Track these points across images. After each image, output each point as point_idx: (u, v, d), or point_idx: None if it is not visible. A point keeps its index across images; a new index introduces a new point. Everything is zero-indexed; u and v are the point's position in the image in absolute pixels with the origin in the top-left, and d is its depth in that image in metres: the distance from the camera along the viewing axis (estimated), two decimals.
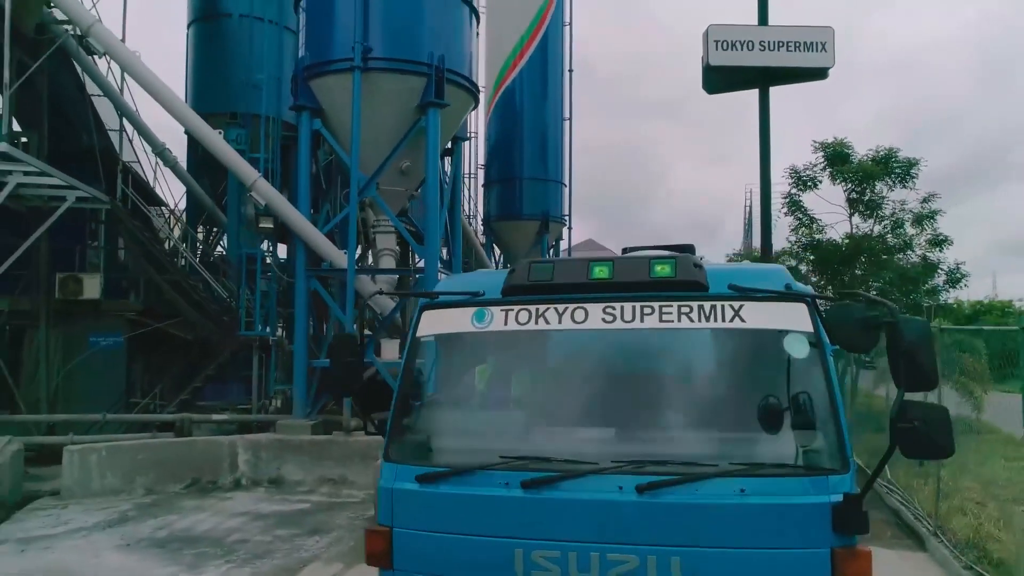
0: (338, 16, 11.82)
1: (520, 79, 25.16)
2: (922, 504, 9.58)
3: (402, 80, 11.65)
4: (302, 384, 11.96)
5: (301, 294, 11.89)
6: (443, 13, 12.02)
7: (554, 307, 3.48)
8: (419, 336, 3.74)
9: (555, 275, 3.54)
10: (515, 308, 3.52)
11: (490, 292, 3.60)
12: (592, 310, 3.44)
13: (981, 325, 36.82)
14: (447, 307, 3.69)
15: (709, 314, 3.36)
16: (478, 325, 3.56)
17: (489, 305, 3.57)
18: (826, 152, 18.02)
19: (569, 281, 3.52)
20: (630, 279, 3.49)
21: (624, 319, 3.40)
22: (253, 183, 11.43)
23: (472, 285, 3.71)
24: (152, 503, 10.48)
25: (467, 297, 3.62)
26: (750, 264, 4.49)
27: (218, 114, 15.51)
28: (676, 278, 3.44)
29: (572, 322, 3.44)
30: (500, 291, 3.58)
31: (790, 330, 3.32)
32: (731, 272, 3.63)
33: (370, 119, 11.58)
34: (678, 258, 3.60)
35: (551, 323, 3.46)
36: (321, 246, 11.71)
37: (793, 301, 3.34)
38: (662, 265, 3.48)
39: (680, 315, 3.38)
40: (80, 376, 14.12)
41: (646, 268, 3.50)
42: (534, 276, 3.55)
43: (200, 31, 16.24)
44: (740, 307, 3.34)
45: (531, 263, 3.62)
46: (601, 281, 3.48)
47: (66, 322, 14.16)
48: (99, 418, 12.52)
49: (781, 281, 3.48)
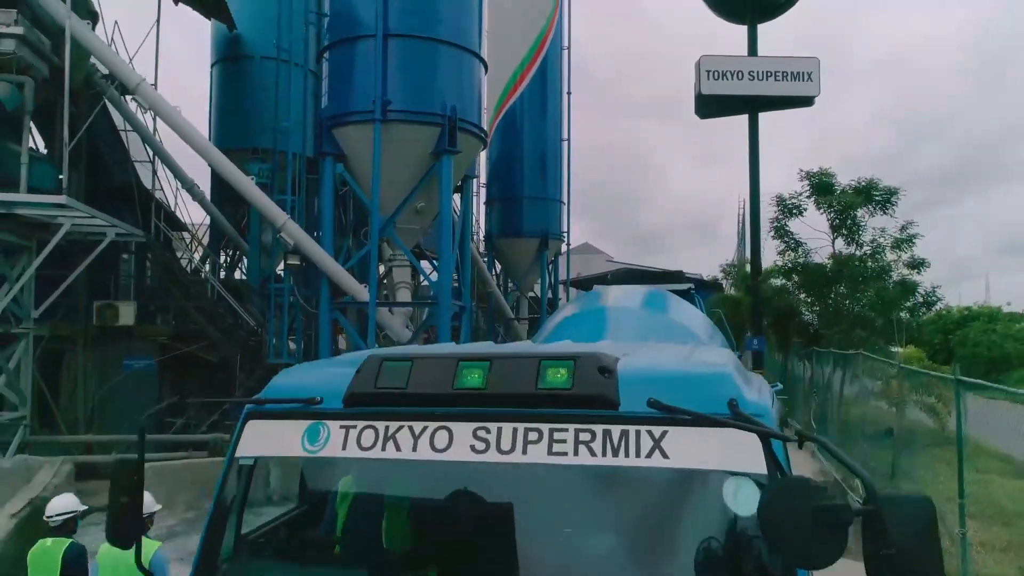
0: (359, 69, 12.89)
1: (521, 101, 26.32)
2: None
3: (418, 129, 12.73)
4: None
5: (325, 324, 12.98)
6: (456, 66, 13.09)
7: (409, 426, 2.59)
8: (238, 456, 2.83)
9: (412, 380, 2.62)
10: (358, 424, 2.64)
11: (329, 399, 2.71)
12: (459, 432, 2.54)
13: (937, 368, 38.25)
14: (277, 417, 2.78)
15: (619, 445, 2.41)
16: (310, 448, 2.68)
17: (326, 418, 2.69)
18: (811, 181, 19.20)
19: (428, 391, 2.59)
20: (511, 390, 2.54)
21: (500, 448, 2.49)
22: (283, 224, 12.51)
23: (309, 386, 2.79)
24: (195, 518, 11.51)
25: (300, 405, 2.73)
26: (689, 359, 3.04)
27: (241, 149, 16.63)
28: (573, 391, 2.49)
29: (431, 450, 2.55)
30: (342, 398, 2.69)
31: (733, 472, 2.38)
32: (657, 376, 2.62)
33: (389, 164, 12.66)
34: (580, 358, 2.58)
35: (402, 450, 2.57)
36: (344, 282, 12.79)
37: (740, 428, 2.34)
38: (556, 369, 2.55)
39: (577, 445, 2.44)
40: (115, 397, 15.15)
41: (534, 373, 2.54)
42: (384, 381, 2.65)
43: (223, 71, 17.30)
44: (663, 435, 2.40)
45: (383, 360, 2.72)
46: (472, 392, 2.55)
47: (102, 346, 15.19)
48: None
49: (725, 393, 2.45)
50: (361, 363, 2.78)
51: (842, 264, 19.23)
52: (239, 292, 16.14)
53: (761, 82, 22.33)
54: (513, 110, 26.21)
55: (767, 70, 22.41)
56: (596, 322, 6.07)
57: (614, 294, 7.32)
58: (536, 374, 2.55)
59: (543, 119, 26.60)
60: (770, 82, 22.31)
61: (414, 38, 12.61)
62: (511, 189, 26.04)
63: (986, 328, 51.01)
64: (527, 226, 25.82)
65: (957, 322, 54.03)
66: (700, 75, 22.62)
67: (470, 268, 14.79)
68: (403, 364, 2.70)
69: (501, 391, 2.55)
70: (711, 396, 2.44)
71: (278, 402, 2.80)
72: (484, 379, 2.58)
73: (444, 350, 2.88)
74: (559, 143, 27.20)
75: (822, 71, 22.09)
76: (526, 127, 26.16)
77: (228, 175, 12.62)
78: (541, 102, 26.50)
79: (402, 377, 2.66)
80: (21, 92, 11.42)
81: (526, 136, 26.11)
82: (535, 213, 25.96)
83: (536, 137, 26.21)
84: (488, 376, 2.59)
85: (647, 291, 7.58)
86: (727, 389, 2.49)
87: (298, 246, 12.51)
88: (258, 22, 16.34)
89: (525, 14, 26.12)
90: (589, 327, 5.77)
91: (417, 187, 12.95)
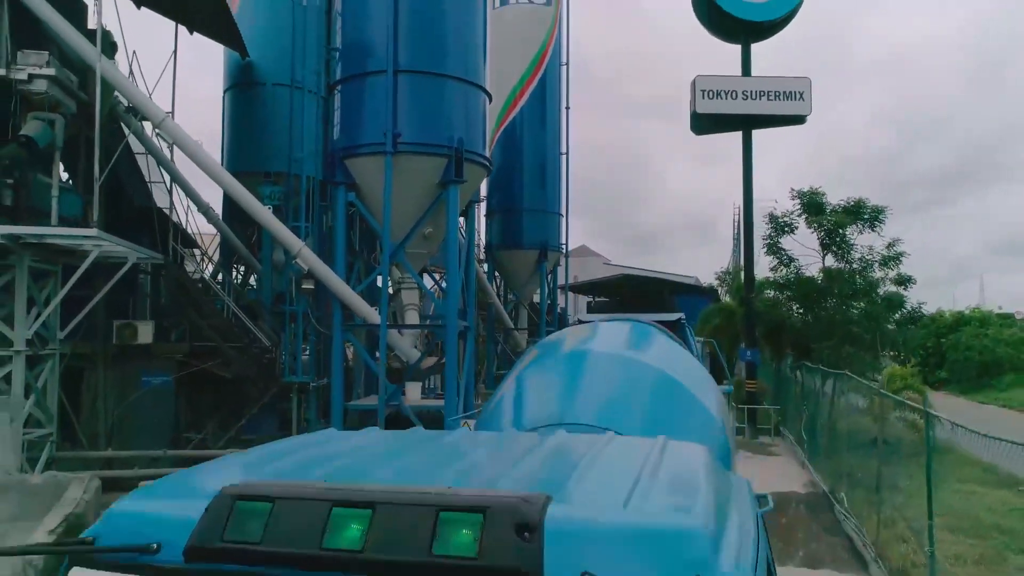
0: (369, 103, 13.53)
1: (521, 116, 27.06)
2: (869, 532, 11.41)
3: (427, 160, 13.38)
4: (339, 424, 13.68)
5: (338, 346, 13.64)
6: (462, 100, 13.75)
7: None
8: None
9: (269, 531, 2.00)
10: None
11: (170, 547, 2.03)
12: None
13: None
14: (105, 567, 2.11)
15: None
16: None
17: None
18: (803, 199, 19.92)
19: (288, 550, 1.97)
20: (396, 555, 1.90)
21: None
22: (298, 251, 13.16)
23: (153, 521, 2.14)
24: None
25: (133, 556, 2.05)
26: (648, 495, 2.01)
27: (253, 173, 17.29)
28: (480, 561, 1.83)
29: None
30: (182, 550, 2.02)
31: None
32: (598, 533, 1.92)
33: (398, 193, 13.32)
34: (492, 511, 1.91)
35: None
36: (357, 306, 13.44)
37: None
38: (459, 528, 1.90)
39: None
40: (133, 412, 15.77)
41: (429, 531, 1.90)
42: (235, 530, 2.02)
43: (235, 96, 17.93)
44: None
45: (236, 499, 2.06)
46: (344, 555, 1.92)
47: (121, 363, 15.81)
48: (160, 454, 14.21)
49: (690, 559, 1.84)
50: (212, 499, 2.08)
51: (832, 277, 19.95)
52: (252, 310, 16.78)
53: (754, 101, 23.03)
54: (513, 124, 26.94)
55: (760, 89, 23.11)
56: (559, 383, 5.11)
57: (586, 340, 6.18)
58: (432, 533, 1.90)
59: (543, 133, 27.37)
60: (763, 101, 23.01)
61: (423, 74, 13.26)
62: (511, 201, 26.76)
63: (978, 332, 51.83)
64: (527, 238, 26.60)
65: (950, 326, 54.88)
66: (695, 94, 23.31)
67: (475, 290, 15.45)
68: (261, 507, 2.04)
69: (382, 557, 1.89)
70: (670, 565, 1.83)
71: (106, 550, 2.08)
72: (362, 536, 1.93)
73: (317, 483, 2.16)
74: (558, 156, 27.96)
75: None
76: (526, 141, 26.91)
77: (247, 205, 13.26)
78: (541, 116, 27.27)
79: (258, 525, 2.02)
80: (52, 129, 12.06)
81: (526, 149, 26.87)
82: (534, 225, 26.73)
83: (536, 150, 26.97)
84: (368, 531, 1.93)
85: (628, 333, 6.50)
86: (693, 553, 1.86)
87: (312, 272, 13.15)
88: (269, 50, 16.98)
89: (525, 31, 26.86)
90: (550, 390, 5.02)
91: (425, 215, 13.60)
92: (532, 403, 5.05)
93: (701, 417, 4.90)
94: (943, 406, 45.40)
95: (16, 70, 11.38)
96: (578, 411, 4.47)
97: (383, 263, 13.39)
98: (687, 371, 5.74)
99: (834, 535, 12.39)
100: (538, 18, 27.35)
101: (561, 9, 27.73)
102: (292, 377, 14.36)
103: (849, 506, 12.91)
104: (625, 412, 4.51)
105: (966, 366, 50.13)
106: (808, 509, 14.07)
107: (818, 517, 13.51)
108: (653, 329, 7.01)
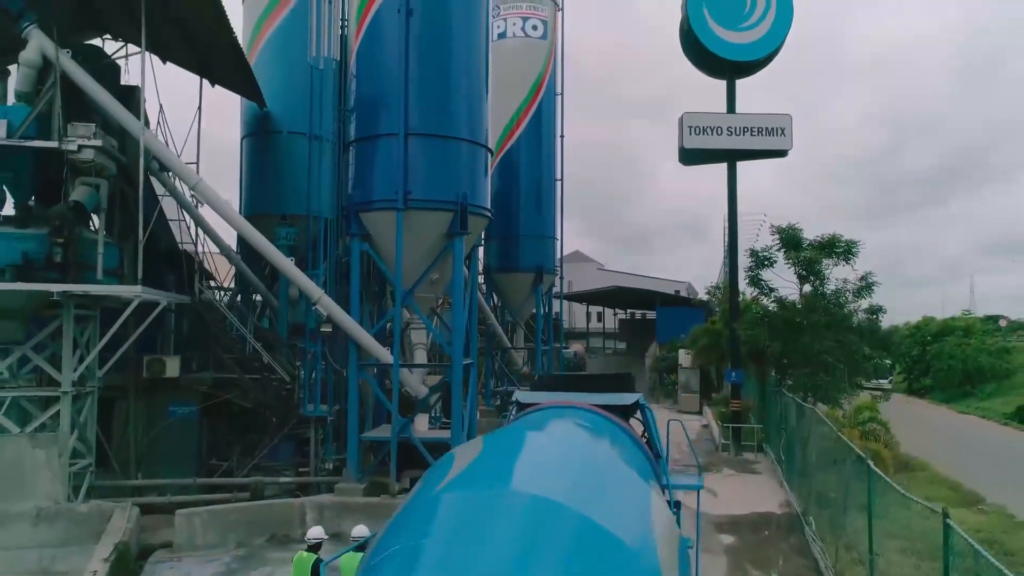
0: (381, 162, 14.76)
1: (518, 145, 28.42)
2: (830, 555, 12.78)
3: (435, 215, 14.66)
4: (355, 453, 15.01)
5: (353, 383, 14.95)
6: (468, 159, 15.02)
7: None
8: None
9: None
10: None
11: None
12: None
13: None
14: None
15: None
16: None
17: None
18: (781, 236, 21.34)
19: None
20: None
21: None
22: (318, 299, 14.47)
23: None
24: (245, 555, 13.48)
25: None
26: None
27: (269, 215, 18.63)
28: None
29: None
30: None
31: None
32: None
33: (408, 244, 14.61)
34: None
35: None
36: (372, 348, 14.75)
37: None
38: None
39: None
40: (161, 440, 17.08)
41: None
42: None
43: (253, 144, 19.24)
44: None
45: None
46: None
47: (150, 395, 17.11)
48: (190, 482, 15.52)
49: None
50: None
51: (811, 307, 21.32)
52: (269, 343, 18.09)
53: (739, 137, 24.48)
54: (511, 152, 28.26)
55: (744, 126, 24.56)
56: (440, 546, 3.76)
57: (496, 466, 4.99)
58: None
59: (538, 160, 28.68)
60: (747, 137, 24.47)
61: (432, 136, 14.57)
62: (508, 226, 28.01)
63: (961, 342, 53.37)
64: (523, 261, 27.95)
65: (935, 335, 56.42)
66: (683, 130, 24.74)
67: (476, 325, 16.76)
68: None
69: None
70: None
71: None
72: None
73: None
74: (552, 183, 29.29)
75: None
76: (522, 168, 28.23)
77: (273, 258, 14.57)
78: (536, 143, 28.61)
79: None
80: (97, 192, 13.35)
81: (523, 176, 28.20)
82: (530, 249, 28.10)
83: (532, 177, 28.31)
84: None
85: (559, 445, 5.66)
86: None
87: (331, 318, 14.47)
88: (285, 102, 18.32)
89: (523, 63, 28.22)
90: (429, 554, 3.68)
91: (433, 263, 14.91)
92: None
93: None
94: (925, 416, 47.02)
95: (67, 142, 12.66)
96: None
97: (396, 308, 14.70)
98: (626, 510, 4.48)
99: (802, 556, 13.76)
100: (535, 51, 28.66)
101: (556, 43, 29.04)
102: (311, 411, 15.66)
103: (816, 529, 14.28)
104: None
105: (949, 375, 51.72)
106: (780, 530, 15.45)
107: (789, 538, 14.88)
108: (593, 432, 6.19)
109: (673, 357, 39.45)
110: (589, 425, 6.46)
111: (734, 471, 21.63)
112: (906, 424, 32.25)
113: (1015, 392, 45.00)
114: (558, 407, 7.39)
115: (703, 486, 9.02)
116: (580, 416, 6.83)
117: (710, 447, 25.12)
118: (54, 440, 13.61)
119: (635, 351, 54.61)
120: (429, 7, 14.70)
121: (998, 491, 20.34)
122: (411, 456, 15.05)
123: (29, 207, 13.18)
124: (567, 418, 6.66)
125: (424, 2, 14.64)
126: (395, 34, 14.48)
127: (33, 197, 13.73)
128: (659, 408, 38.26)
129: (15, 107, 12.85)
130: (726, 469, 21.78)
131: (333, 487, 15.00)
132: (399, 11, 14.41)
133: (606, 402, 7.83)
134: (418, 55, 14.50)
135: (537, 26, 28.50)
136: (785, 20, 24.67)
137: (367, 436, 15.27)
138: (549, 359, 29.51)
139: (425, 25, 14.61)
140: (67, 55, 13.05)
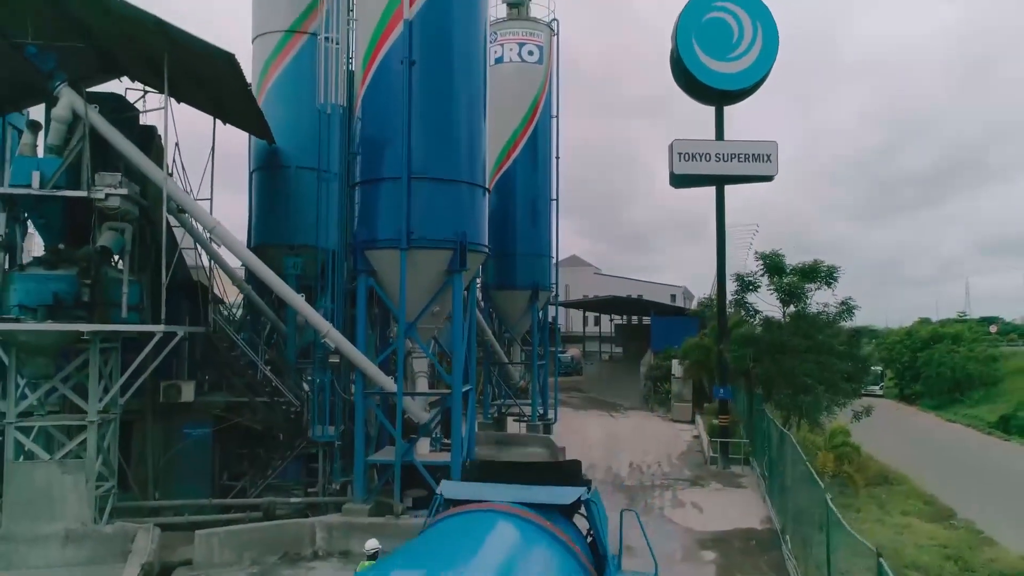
0: (385, 203, 15.66)
1: (514, 165, 29.46)
2: (802, 573, 13.79)
3: (435, 253, 15.63)
4: (361, 475, 16.02)
5: (359, 410, 15.96)
6: (468, 200, 15.99)
7: None
8: None
9: None
10: None
11: None
12: None
13: None
14: None
15: None
16: None
17: None
18: (766, 262, 22.42)
19: None
20: None
21: None
22: (327, 332, 15.48)
23: None
24: (260, 572, 14.48)
25: None
26: None
27: (278, 245, 19.64)
28: None
29: None
30: None
31: None
32: None
33: (411, 280, 15.59)
34: None
35: None
36: (377, 377, 15.75)
37: None
38: None
39: None
40: (176, 460, 18.09)
41: None
42: None
43: (262, 177, 20.26)
44: None
45: None
46: None
47: (166, 418, 18.11)
48: (207, 502, 16.53)
49: None
50: None
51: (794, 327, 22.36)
52: (278, 368, 19.09)
53: (726, 163, 25.55)
54: (508, 173, 29.28)
55: (731, 152, 25.61)
56: None
57: None
58: None
59: (534, 181, 29.70)
60: (734, 163, 25.53)
61: (434, 180, 15.56)
62: (505, 245, 28.98)
63: (950, 349, 54.46)
64: (520, 279, 29.00)
65: (925, 342, 57.49)
66: (672, 156, 25.80)
67: (475, 352, 17.75)
68: None
69: None
70: None
71: None
72: None
73: None
74: (548, 203, 30.30)
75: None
76: (519, 188, 29.26)
77: (284, 294, 15.58)
78: (533, 164, 29.63)
79: None
80: (123, 236, 14.35)
81: (519, 196, 29.23)
82: (527, 267, 29.16)
83: (528, 197, 29.34)
84: None
85: (483, 562, 5.50)
86: None
87: (339, 349, 15.48)
88: (293, 139, 19.34)
89: (520, 86, 29.27)
90: None
91: (434, 297, 15.91)
92: None
93: None
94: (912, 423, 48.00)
95: (95, 191, 13.66)
96: None
97: (399, 339, 15.71)
98: None
99: (777, 573, 14.79)
100: (531, 75, 29.67)
101: (551, 66, 30.04)
102: (319, 436, 16.69)
103: (792, 548, 15.30)
104: None
105: (938, 382, 52.85)
106: (759, 547, 16.47)
107: (767, 554, 15.91)
108: (517, 547, 5.82)
109: (667, 366, 40.52)
110: (513, 537, 5.84)
111: (721, 485, 22.65)
112: (892, 433, 33.33)
113: (1002, 399, 46.04)
114: (482, 513, 6.57)
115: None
116: (506, 524, 6.09)
117: (699, 460, 26.17)
118: (81, 466, 14.61)
119: (632, 356, 55.61)
120: (431, 58, 15.68)
121: (972, 504, 21.41)
122: (413, 477, 16.08)
123: (59, 249, 14.13)
124: (490, 528, 5.96)
125: (426, 53, 15.61)
126: (398, 83, 15.44)
127: (62, 240, 14.71)
128: (652, 416, 39.36)
129: (47, 159, 13.84)
130: (713, 483, 22.80)
131: (340, 507, 16.00)
132: (402, 62, 15.39)
133: (544, 500, 7.00)
134: (420, 103, 15.47)
135: (533, 51, 29.53)
136: (771, 50, 25.72)
137: (372, 459, 16.29)
138: (544, 371, 30.53)
139: (427, 75, 15.58)
140: (95, 110, 14.03)
